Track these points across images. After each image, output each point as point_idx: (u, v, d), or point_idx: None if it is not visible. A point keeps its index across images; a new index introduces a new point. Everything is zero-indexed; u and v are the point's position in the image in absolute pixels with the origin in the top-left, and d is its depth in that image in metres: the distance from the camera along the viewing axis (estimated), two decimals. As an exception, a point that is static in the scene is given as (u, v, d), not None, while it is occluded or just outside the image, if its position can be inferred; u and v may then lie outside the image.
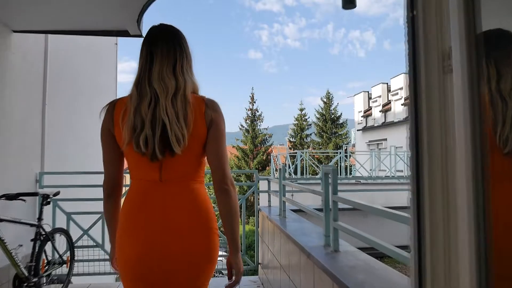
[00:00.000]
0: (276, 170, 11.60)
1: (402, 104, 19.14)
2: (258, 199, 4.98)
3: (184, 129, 1.32)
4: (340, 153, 13.37)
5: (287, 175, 12.55)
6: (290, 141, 36.83)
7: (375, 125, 22.38)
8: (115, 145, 1.41)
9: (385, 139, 21.21)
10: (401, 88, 19.43)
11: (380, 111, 21.83)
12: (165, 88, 1.35)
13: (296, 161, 9.79)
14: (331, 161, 29.61)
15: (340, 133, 34.48)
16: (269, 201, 4.74)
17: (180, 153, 1.33)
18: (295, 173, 11.74)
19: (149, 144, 1.32)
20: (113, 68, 6.76)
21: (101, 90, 6.50)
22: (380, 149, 22.22)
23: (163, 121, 1.32)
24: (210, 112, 1.39)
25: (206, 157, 1.46)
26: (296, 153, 11.93)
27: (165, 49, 1.40)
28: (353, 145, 26.53)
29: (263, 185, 7.44)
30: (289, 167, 11.61)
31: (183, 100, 1.36)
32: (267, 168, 34.86)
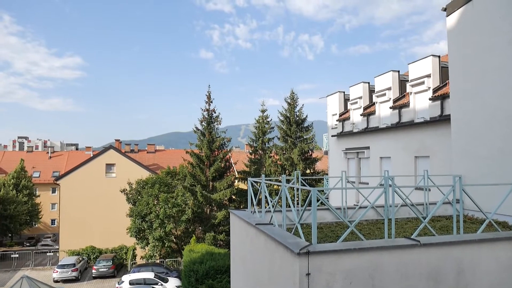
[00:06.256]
0: (256, 202, 7.83)
1: (391, 107, 16.29)
2: None
3: None
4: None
5: (268, 207, 7.03)
6: (250, 146, 33.26)
7: (354, 130, 19.45)
8: None
9: (367, 148, 18.33)
10: (389, 89, 16.58)
11: (361, 115, 18.91)
12: None
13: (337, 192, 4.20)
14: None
15: (305, 137, 31.57)
16: None
17: None
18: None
19: None
20: None
21: None
22: (360, 158, 19.33)
23: None
24: None
25: None
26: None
27: None
28: (326, 153, 23.52)
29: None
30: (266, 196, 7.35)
31: None
32: (225, 176, 31.05)
